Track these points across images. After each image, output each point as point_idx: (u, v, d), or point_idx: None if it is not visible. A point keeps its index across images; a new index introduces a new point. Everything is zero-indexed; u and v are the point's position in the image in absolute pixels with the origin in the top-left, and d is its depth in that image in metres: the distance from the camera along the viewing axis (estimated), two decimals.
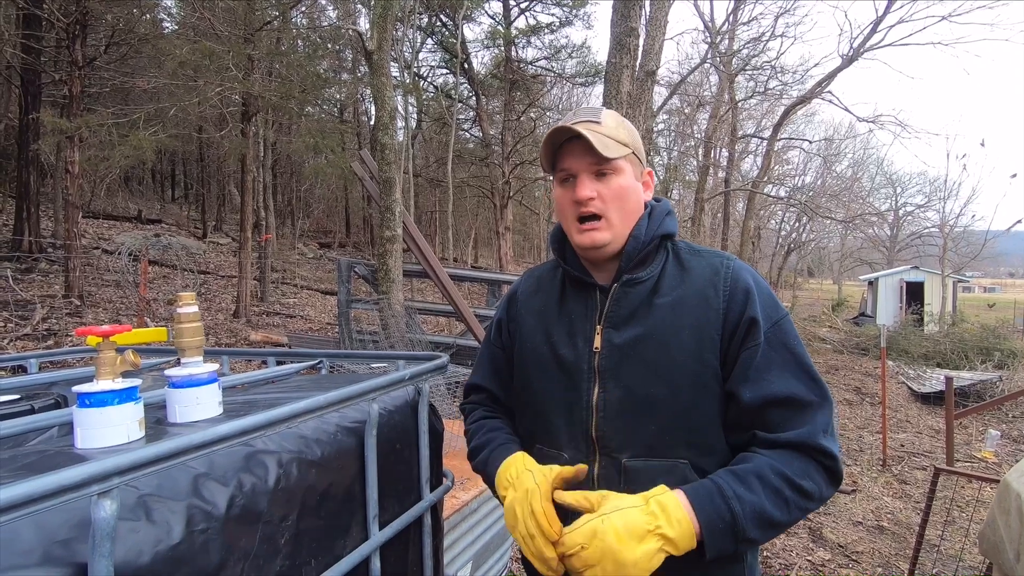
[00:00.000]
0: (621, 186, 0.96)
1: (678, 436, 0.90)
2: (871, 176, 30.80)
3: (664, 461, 0.90)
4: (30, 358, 1.47)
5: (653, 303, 0.94)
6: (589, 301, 0.99)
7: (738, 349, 0.90)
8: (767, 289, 0.96)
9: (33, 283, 8.82)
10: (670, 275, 0.97)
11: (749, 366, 0.89)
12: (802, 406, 0.88)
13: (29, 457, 0.62)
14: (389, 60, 7.30)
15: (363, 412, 0.86)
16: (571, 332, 0.99)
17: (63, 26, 8.01)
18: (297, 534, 0.70)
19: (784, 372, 0.89)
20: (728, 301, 0.92)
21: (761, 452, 0.87)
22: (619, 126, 0.98)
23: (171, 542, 0.55)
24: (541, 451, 0.99)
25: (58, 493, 0.43)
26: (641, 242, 0.98)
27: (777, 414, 0.87)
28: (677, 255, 1.00)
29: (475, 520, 2.10)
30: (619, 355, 0.93)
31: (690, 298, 0.93)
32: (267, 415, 0.62)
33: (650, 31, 5.60)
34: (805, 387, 0.89)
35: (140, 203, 17.77)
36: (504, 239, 15.92)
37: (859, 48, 14.17)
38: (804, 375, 0.90)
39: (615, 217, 0.96)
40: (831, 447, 0.87)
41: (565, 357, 0.97)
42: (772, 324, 0.91)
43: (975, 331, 12.16)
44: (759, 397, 0.88)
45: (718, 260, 0.98)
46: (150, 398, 0.84)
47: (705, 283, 0.95)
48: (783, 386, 0.88)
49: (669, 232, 1.01)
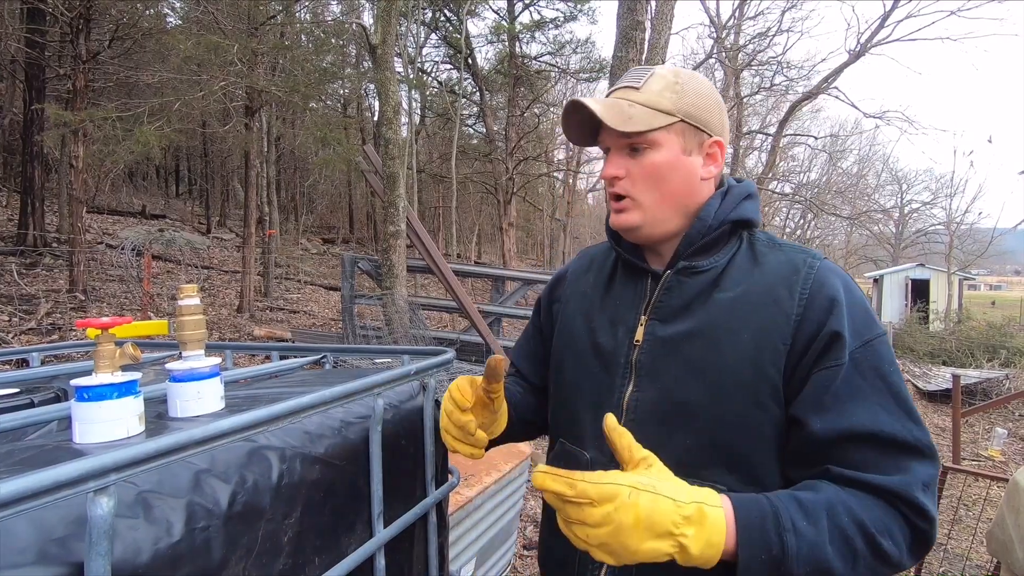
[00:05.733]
0: (654, 163, 0.82)
1: (716, 456, 0.76)
2: (877, 173, 30.64)
3: (698, 483, 0.74)
4: (32, 352, 1.45)
5: (712, 297, 0.81)
6: (639, 287, 0.88)
7: (810, 368, 0.74)
8: (861, 299, 0.79)
9: (37, 278, 8.84)
10: (739, 268, 0.82)
11: (825, 390, 0.73)
12: (896, 448, 0.71)
13: (26, 452, 0.61)
14: (393, 55, 7.27)
15: (368, 407, 0.84)
16: (614, 320, 0.88)
17: (67, 20, 7.99)
18: (300, 531, 0.69)
19: (872, 403, 0.72)
20: (805, 307, 0.76)
21: (835, 486, 0.71)
22: (666, 89, 0.83)
23: (171, 540, 0.53)
24: (563, 446, 0.92)
25: (53, 490, 0.41)
26: (707, 225, 0.83)
27: (860, 453, 0.71)
28: (752, 246, 0.85)
29: (479, 516, 2.09)
30: (661, 351, 0.81)
31: (756, 296, 0.79)
32: (270, 410, 0.61)
33: (656, 26, 5.55)
34: (900, 425, 0.72)
35: (144, 198, 17.81)
36: (508, 235, 15.90)
37: (866, 43, 14.07)
38: (899, 410, 0.73)
39: (646, 199, 0.84)
40: (929, 506, 0.70)
41: (603, 346, 0.87)
42: (863, 343, 0.75)
43: (982, 329, 12.09)
44: (835, 430, 0.72)
45: (801, 256, 0.81)
46: (151, 392, 0.82)
47: (778, 280, 0.79)
48: (869, 419, 0.71)
49: (746, 218, 0.85)
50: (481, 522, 2.11)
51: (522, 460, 2.37)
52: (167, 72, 9.18)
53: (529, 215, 24.24)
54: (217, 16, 9.02)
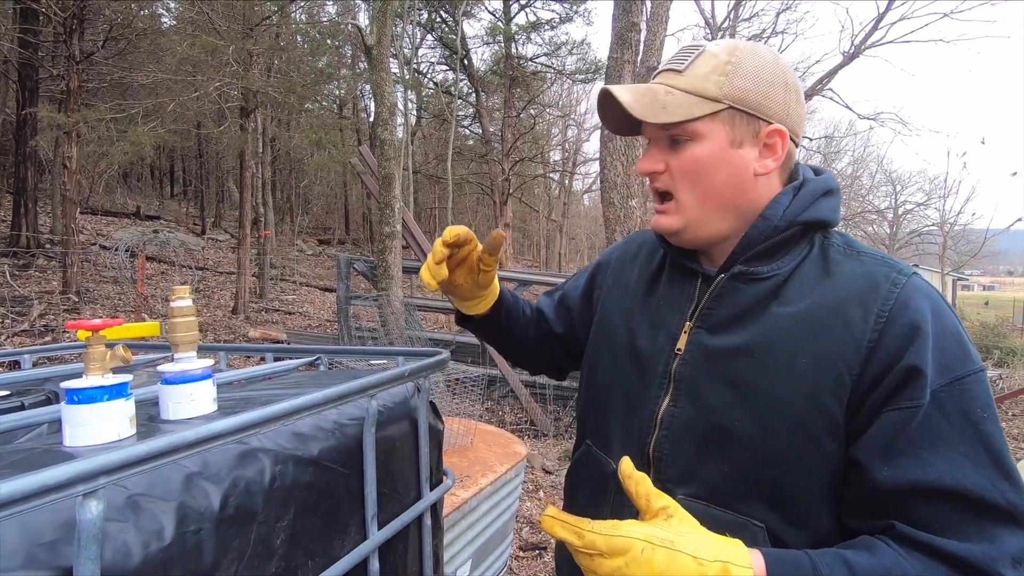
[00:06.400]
0: (694, 157, 0.72)
1: (756, 489, 0.68)
2: (871, 174, 30.80)
3: (732, 515, 0.68)
4: (24, 354, 1.44)
5: (769, 310, 0.71)
6: (686, 289, 0.79)
7: (880, 406, 0.63)
8: (954, 326, 0.66)
9: (31, 279, 8.79)
10: (805, 278, 0.71)
11: (897, 434, 0.62)
12: (980, 509, 0.59)
13: (16, 455, 0.60)
14: (389, 56, 7.27)
15: (362, 409, 0.84)
16: (655, 322, 0.80)
17: (60, 20, 7.96)
18: (293, 534, 0.68)
19: (956, 454, 0.60)
20: (881, 332, 0.64)
21: (897, 549, 0.60)
22: (714, 72, 0.71)
23: (161, 544, 0.53)
24: (589, 449, 0.85)
25: (40, 494, 0.41)
26: (773, 226, 0.72)
27: (934, 512, 0.60)
28: (825, 253, 0.73)
29: (475, 518, 2.09)
30: (704, 364, 0.73)
31: (823, 313, 0.68)
32: (262, 412, 0.60)
33: (651, 27, 5.56)
34: (990, 483, 0.59)
35: (139, 199, 17.72)
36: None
37: (860, 45, 14.13)
38: (991, 464, 0.60)
39: (687, 198, 0.74)
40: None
41: (641, 349, 0.79)
42: (950, 381, 0.62)
43: (975, 329, 12.16)
44: (905, 480, 0.61)
45: (884, 270, 0.69)
46: (144, 395, 0.82)
47: (851, 297, 0.68)
48: (950, 473, 0.60)
49: (821, 219, 0.73)
50: (477, 523, 2.11)
51: (518, 461, 2.37)
52: (162, 73, 9.14)
53: (525, 216, 24.26)
54: (212, 17, 9.00)
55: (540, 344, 1.03)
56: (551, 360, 1.06)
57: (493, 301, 0.92)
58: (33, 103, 9.01)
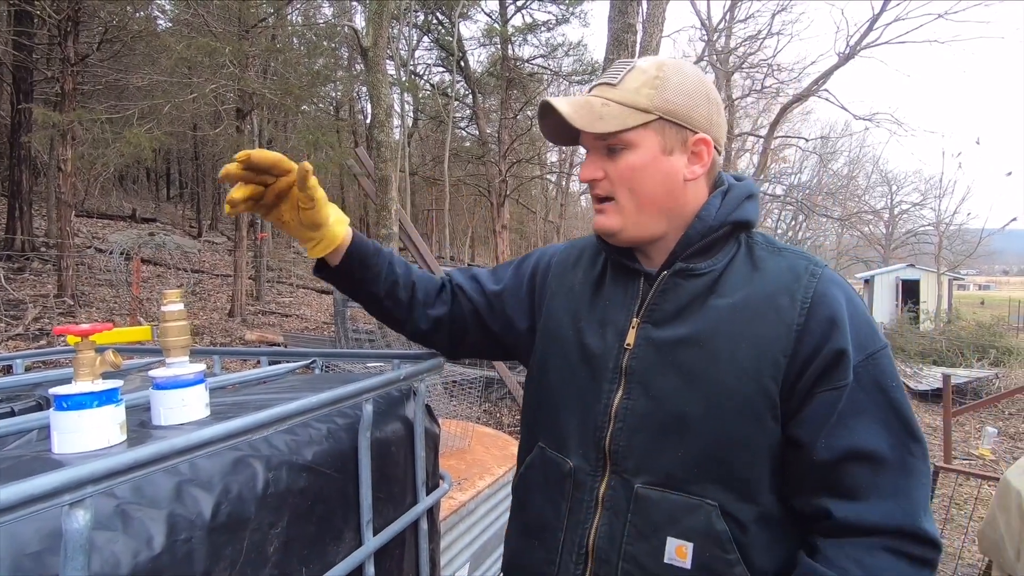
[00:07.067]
0: (629, 164, 0.78)
1: (708, 471, 0.74)
2: (867, 174, 30.92)
3: (687, 497, 0.74)
4: (16, 358, 1.43)
5: (708, 302, 0.77)
6: (630, 289, 0.84)
7: (812, 386, 0.72)
8: (863, 310, 0.77)
9: (25, 283, 8.74)
10: (737, 273, 0.79)
11: (831, 411, 0.71)
12: (892, 468, 0.70)
13: (2, 463, 0.59)
14: (385, 57, 7.26)
15: (357, 413, 0.83)
16: (603, 321, 0.84)
17: (55, 23, 7.93)
18: (287, 541, 0.68)
19: (873, 420, 0.71)
20: (807, 317, 0.73)
21: (830, 550, 0.70)
22: (645, 85, 0.78)
23: (151, 553, 0.52)
24: (543, 452, 0.87)
25: (25, 504, 0.40)
26: (708, 226, 0.80)
27: (856, 474, 0.70)
28: (751, 250, 0.81)
29: (472, 521, 2.08)
30: (654, 357, 0.78)
31: (757, 304, 0.75)
32: (256, 417, 0.60)
33: (648, 28, 5.57)
34: (899, 442, 0.71)
35: (134, 202, 17.66)
36: (501, 237, 15.89)
37: (856, 46, 14.19)
38: (900, 426, 0.72)
39: (627, 201, 0.80)
40: (935, 534, 0.70)
41: (591, 348, 0.83)
42: (866, 357, 0.72)
43: (971, 328, 12.20)
44: (838, 449, 0.71)
45: (803, 263, 0.78)
46: (135, 400, 0.81)
47: (779, 288, 0.76)
48: (868, 438, 0.70)
49: (745, 220, 0.81)
50: (474, 526, 2.10)
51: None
52: (157, 75, 9.12)
53: (522, 217, 24.25)
54: (208, 19, 8.97)
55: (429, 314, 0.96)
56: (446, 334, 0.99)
57: (333, 247, 0.86)
58: (28, 105, 8.96)
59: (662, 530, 0.74)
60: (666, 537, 0.74)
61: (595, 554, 0.79)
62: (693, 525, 0.73)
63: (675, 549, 0.74)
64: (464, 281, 0.99)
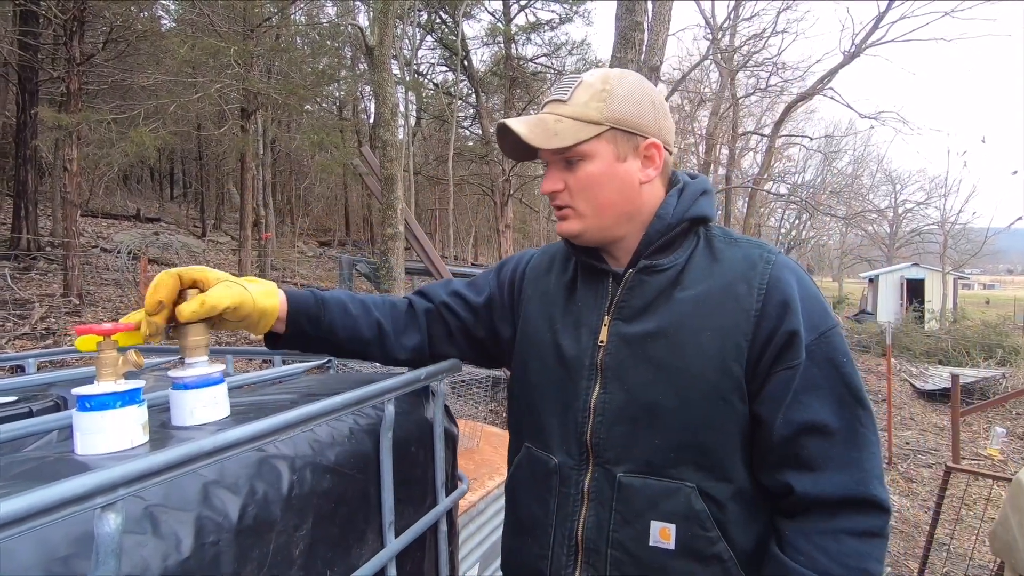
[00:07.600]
0: (588, 174, 0.83)
1: (685, 455, 0.78)
2: (871, 173, 30.79)
3: (666, 482, 0.78)
4: (28, 358, 1.43)
5: (673, 296, 0.82)
6: (600, 289, 0.88)
7: (770, 367, 0.77)
8: (814, 292, 0.81)
9: (31, 282, 8.77)
10: (698, 266, 0.83)
11: (787, 389, 0.76)
12: (844, 440, 0.76)
13: (26, 464, 0.58)
14: (390, 57, 7.25)
15: (378, 414, 0.82)
16: (577, 323, 0.88)
17: (60, 23, 7.94)
18: (312, 543, 0.67)
19: (827, 395, 0.76)
20: (764, 302, 0.78)
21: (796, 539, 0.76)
22: (593, 99, 0.82)
23: (180, 556, 0.51)
24: (529, 451, 0.91)
25: (59, 507, 0.39)
26: (667, 224, 0.84)
27: (811, 446, 0.76)
28: (710, 243, 0.86)
29: (483, 520, 2.07)
30: (626, 352, 0.82)
31: (717, 294, 0.80)
32: (282, 418, 0.59)
33: (654, 27, 5.55)
34: (851, 414, 0.76)
35: (139, 202, 17.71)
36: (505, 237, 15.87)
37: (861, 44, 14.12)
38: (852, 400, 0.77)
39: (585, 208, 0.84)
40: (887, 500, 0.75)
41: (567, 349, 0.87)
42: (817, 336, 0.78)
43: (977, 328, 12.15)
44: (795, 423, 0.76)
45: (757, 251, 0.83)
46: (152, 400, 0.80)
47: (737, 277, 0.80)
48: (822, 411, 0.76)
49: (702, 215, 0.85)
50: (485, 526, 2.09)
51: None
52: (162, 74, 9.13)
53: (526, 217, 24.23)
54: (212, 19, 8.98)
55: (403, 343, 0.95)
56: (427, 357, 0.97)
57: (273, 320, 0.83)
58: (33, 105, 8.98)
59: (645, 515, 0.78)
60: (650, 521, 0.78)
61: (584, 545, 0.82)
62: (674, 507, 0.77)
63: (659, 532, 0.78)
64: (448, 298, 0.99)
